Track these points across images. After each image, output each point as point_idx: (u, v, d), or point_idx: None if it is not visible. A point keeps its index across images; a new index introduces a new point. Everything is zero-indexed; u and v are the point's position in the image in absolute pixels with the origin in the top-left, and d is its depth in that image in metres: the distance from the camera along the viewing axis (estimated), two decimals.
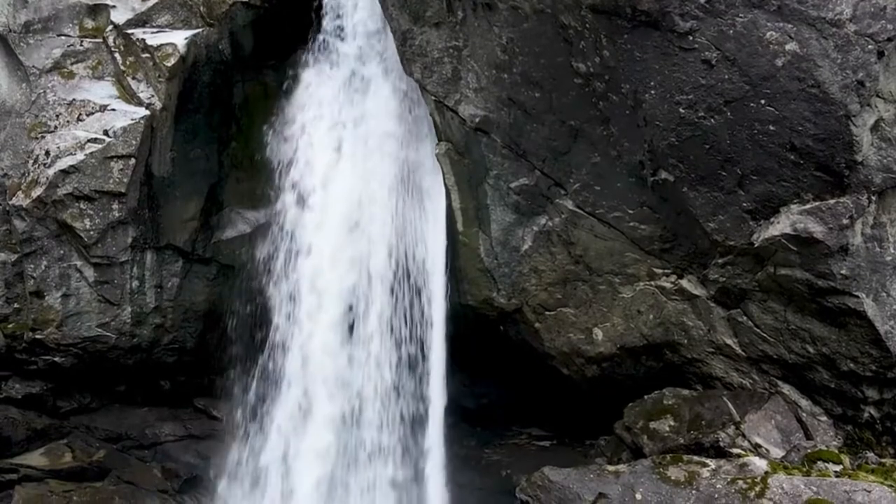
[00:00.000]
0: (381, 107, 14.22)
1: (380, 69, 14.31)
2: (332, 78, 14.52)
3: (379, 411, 13.65)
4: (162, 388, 15.80)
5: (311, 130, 14.72)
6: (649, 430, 12.12)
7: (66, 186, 14.13)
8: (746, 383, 12.30)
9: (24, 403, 15.12)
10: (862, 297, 11.10)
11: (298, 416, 13.74)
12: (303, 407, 13.75)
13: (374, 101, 14.26)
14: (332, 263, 14.07)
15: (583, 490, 10.92)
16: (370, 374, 14.04)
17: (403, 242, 13.96)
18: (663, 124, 11.21)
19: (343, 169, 14.28)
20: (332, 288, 14.18)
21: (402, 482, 14.04)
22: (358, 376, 14.02)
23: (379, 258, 14.15)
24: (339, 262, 14.04)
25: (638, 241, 12.35)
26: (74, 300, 14.61)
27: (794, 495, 10.23)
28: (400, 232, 13.95)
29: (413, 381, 14.07)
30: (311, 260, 14.00)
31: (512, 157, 12.84)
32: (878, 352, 11.35)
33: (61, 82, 14.70)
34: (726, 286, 11.88)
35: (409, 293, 14.06)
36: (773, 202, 11.05)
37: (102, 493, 14.29)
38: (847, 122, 10.43)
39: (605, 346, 13.10)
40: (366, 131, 14.20)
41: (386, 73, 14.24)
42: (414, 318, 14.09)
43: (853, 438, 11.96)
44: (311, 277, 13.95)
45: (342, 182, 14.25)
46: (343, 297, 14.20)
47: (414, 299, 14.06)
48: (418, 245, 13.98)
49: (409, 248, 14.02)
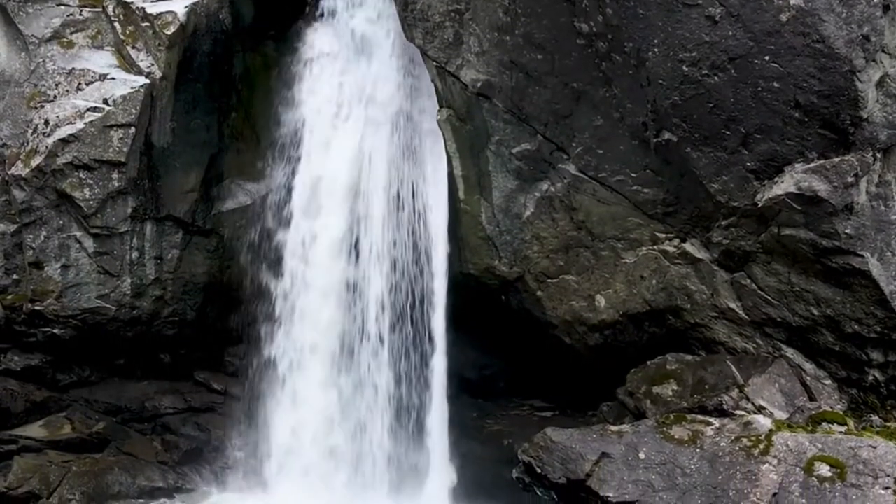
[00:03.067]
0: (383, 74, 14.12)
1: (382, 36, 14.19)
2: (333, 46, 14.42)
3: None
4: (162, 361, 15.68)
5: (311, 101, 14.64)
6: (652, 394, 12.04)
7: (65, 155, 14.04)
8: (750, 348, 12.22)
9: (24, 376, 14.98)
10: (867, 256, 11.03)
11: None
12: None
13: (376, 68, 14.16)
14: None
15: (585, 450, 10.85)
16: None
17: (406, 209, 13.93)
18: (666, 83, 11.14)
19: (345, 136, 14.18)
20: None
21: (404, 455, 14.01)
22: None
23: (378, 230, 14.10)
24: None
25: (641, 204, 12.28)
26: (74, 271, 14.51)
27: (798, 452, 10.16)
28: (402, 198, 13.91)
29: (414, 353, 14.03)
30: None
31: (514, 121, 12.77)
32: (883, 312, 11.27)
33: (61, 52, 14.61)
34: (730, 249, 11.80)
35: (410, 264, 14.00)
36: (777, 161, 10.98)
37: (102, 464, 14.18)
38: (852, 78, 10.36)
39: (607, 313, 13.01)
40: (368, 99, 14.09)
41: (388, 39, 14.12)
42: (414, 289, 14.02)
43: (858, 402, 11.88)
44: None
45: (343, 149, 14.17)
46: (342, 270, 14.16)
47: (415, 269, 13.99)
48: (420, 212, 13.92)
49: (410, 215, 13.97)
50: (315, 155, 14.54)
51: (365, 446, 14.05)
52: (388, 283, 14.03)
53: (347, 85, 14.50)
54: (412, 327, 14.01)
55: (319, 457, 14.07)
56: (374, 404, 14.06)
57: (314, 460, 14.08)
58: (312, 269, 14.28)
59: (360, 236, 14.16)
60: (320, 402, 14.13)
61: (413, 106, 14.20)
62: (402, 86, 14.05)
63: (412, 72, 14.06)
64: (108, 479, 14.03)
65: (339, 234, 14.21)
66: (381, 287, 14.04)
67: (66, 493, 13.60)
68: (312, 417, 14.14)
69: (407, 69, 14.18)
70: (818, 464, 9.98)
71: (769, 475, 10.04)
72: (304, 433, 14.16)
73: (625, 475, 10.56)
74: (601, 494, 10.54)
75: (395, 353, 14.06)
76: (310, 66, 14.76)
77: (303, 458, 14.14)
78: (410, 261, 14.02)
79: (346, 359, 14.10)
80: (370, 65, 14.28)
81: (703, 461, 10.41)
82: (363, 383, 14.06)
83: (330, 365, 14.12)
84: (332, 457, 14.05)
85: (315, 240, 14.37)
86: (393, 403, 14.06)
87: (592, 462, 10.75)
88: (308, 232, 14.39)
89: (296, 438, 14.19)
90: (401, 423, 14.04)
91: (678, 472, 10.40)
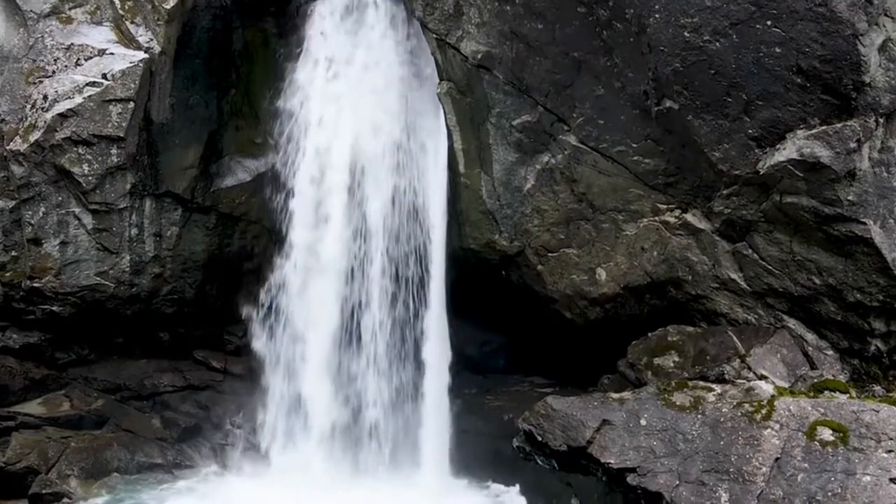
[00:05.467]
0: (383, 47, 14.06)
1: (381, 10, 14.13)
2: (333, 21, 14.35)
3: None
4: (161, 339, 15.62)
5: (311, 76, 14.56)
6: (653, 365, 11.97)
7: (64, 130, 14.00)
8: (751, 319, 12.15)
9: (22, 353, 14.96)
10: (869, 223, 10.96)
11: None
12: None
13: (375, 42, 14.09)
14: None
15: (586, 417, 10.79)
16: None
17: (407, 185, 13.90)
18: (668, 49, 11.09)
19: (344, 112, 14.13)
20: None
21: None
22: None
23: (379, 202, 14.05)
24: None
25: (642, 175, 12.22)
26: (73, 248, 14.47)
27: (801, 417, 10.10)
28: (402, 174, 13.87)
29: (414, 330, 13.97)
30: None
31: (514, 93, 12.72)
32: (886, 280, 11.21)
33: (59, 27, 14.56)
34: (731, 218, 11.74)
35: (410, 238, 13.95)
36: (779, 128, 10.92)
37: (101, 440, 14.14)
38: (854, 42, 10.30)
39: (608, 286, 12.96)
40: (367, 72, 14.03)
41: (387, 15, 14.07)
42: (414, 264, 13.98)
43: (860, 373, 11.82)
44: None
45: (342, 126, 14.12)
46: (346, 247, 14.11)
47: (415, 244, 13.95)
48: (420, 187, 13.88)
49: (409, 191, 13.93)
50: (314, 131, 14.44)
51: (364, 422, 13.98)
52: (389, 258, 13.96)
53: (346, 59, 14.40)
54: (413, 303, 13.95)
55: (319, 433, 13.96)
56: (374, 380, 13.99)
57: (314, 436, 13.97)
58: (314, 244, 14.18)
59: (362, 210, 14.07)
60: (320, 378, 14.04)
61: (412, 80, 14.12)
62: (403, 59, 13.94)
63: (412, 46, 13.97)
64: (107, 455, 14.00)
65: (340, 210, 14.12)
66: (382, 263, 13.97)
67: (64, 468, 13.56)
68: (312, 393, 14.03)
69: (406, 44, 14.10)
70: (821, 428, 9.92)
71: (771, 440, 9.98)
72: (303, 409, 14.06)
73: (626, 441, 10.50)
74: (602, 461, 10.48)
75: (395, 329, 13.99)
76: (309, 41, 14.66)
77: (302, 435, 14.04)
78: (411, 236, 13.96)
79: (345, 334, 14.02)
80: (369, 38, 14.16)
81: (704, 427, 10.35)
82: (363, 358, 13.98)
83: (330, 341, 14.02)
84: (332, 432, 13.95)
85: (316, 216, 14.27)
86: (393, 379, 14.00)
87: (593, 429, 10.68)
88: (309, 208, 14.29)
89: (296, 415, 14.10)
90: (401, 399, 13.98)
91: (680, 437, 10.34)
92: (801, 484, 9.68)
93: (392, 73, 14.22)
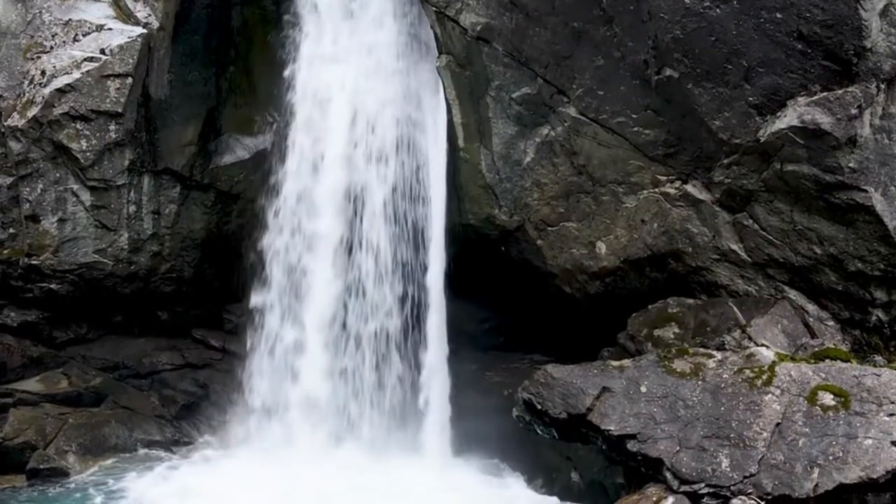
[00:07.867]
0: (383, 23, 14.01)
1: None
2: None
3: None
4: (159, 318, 15.58)
5: (309, 54, 14.50)
6: (654, 337, 11.92)
7: (62, 106, 13.96)
8: (752, 290, 12.10)
9: (20, 331, 14.92)
10: (870, 191, 10.92)
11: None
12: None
13: (375, 17, 14.04)
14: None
15: (586, 385, 10.74)
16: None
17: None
18: (668, 16, 11.04)
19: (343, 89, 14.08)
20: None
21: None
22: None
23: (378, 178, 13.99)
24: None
25: (642, 146, 12.17)
26: (71, 225, 14.43)
27: (802, 382, 10.04)
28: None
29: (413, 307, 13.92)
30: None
31: (514, 65, 12.67)
32: (887, 249, 11.17)
33: (57, 3, 14.54)
34: (732, 188, 11.69)
35: (409, 214, 13.90)
36: (779, 95, 10.87)
37: (98, 417, 14.09)
38: (856, 6, 10.26)
39: (608, 259, 12.91)
40: (366, 48, 13.98)
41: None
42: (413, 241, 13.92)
43: (861, 343, 11.76)
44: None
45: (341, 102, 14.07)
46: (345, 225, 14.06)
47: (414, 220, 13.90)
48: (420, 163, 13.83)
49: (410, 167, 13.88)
50: (313, 109, 14.38)
51: (364, 399, 13.92)
52: (387, 235, 13.90)
53: (344, 36, 14.34)
54: (411, 281, 13.89)
55: (315, 409, 13.90)
56: (374, 356, 13.93)
57: (313, 413, 13.91)
58: (312, 222, 14.13)
59: (359, 189, 14.01)
60: (317, 355, 13.97)
61: (411, 55, 14.07)
62: (402, 32, 13.88)
63: (411, 20, 13.92)
64: (105, 431, 13.96)
65: (339, 188, 14.07)
66: (380, 239, 13.91)
67: (62, 444, 13.51)
68: (309, 369, 13.97)
69: (404, 19, 14.05)
70: (822, 393, 9.87)
71: (772, 405, 9.93)
72: (301, 386, 14.00)
73: (626, 408, 10.45)
74: (602, 428, 10.42)
75: (393, 307, 13.93)
76: (307, 19, 14.61)
77: (302, 412, 13.98)
78: (410, 212, 13.91)
79: (342, 311, 13.96)
80: (369, 14, 14.11)
81: (705, 393, 10.30)
82: (362, 336, 13.92)
83: (329, 317, 13.96)
84: (334, 409, 13.90)
85: (314, 193, 14.22)
86: (393, 356, 13.94)
87: (593, 396, 10.63)
88: (308, 185, 14.25)
89: (295, 391, 14.03)
90: (400, 375, 13.92)
91: (680, 404, 10.29)
92: (802, 448, 9.63)
93: (392, 49, 14.13)
